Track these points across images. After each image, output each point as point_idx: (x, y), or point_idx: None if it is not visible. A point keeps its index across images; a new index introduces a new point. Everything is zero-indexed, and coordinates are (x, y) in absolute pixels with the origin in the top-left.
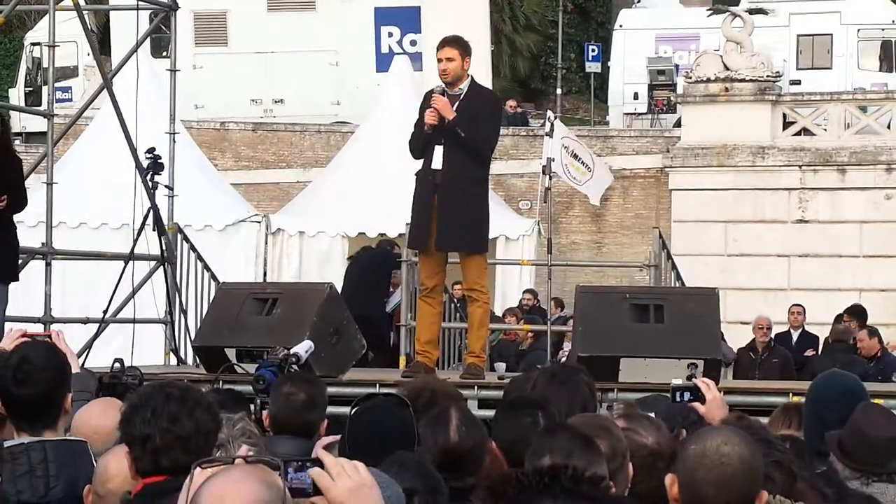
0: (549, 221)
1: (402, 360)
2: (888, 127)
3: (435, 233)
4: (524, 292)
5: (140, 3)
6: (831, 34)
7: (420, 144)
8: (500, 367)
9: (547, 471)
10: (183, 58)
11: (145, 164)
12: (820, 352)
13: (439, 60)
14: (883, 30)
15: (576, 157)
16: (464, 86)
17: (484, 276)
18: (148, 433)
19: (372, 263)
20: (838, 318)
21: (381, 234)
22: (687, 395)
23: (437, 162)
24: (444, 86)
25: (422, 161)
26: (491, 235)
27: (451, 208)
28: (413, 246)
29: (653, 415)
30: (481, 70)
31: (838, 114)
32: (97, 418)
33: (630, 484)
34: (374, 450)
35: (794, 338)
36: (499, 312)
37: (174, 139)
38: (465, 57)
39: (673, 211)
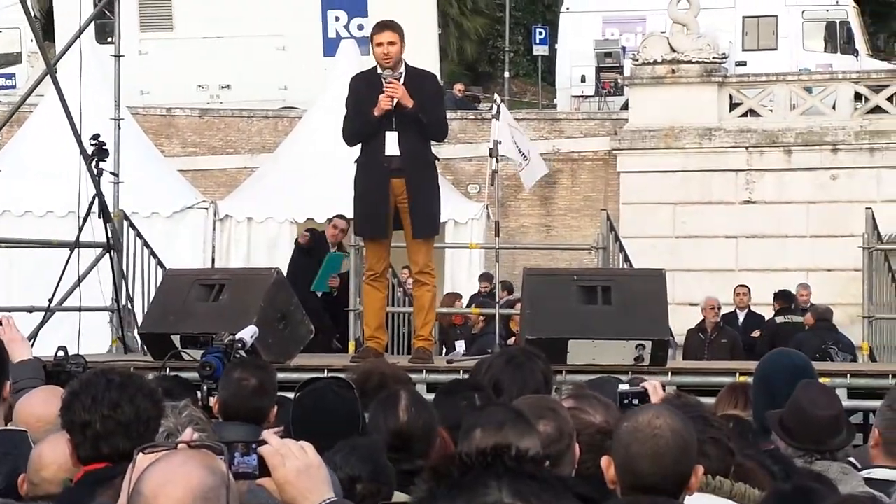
0: (497, 205)
1: (352, 345)
2: (833, 107)
3: (391, 218)
4: (480, 278)
5: None
6: (776, 15)
7: (366, 130)
8: (459, 348)
9: (490, 451)
10: (128, 43)
11: (90, 150)
12: (765, 332)
13: (379, 44)
14: (827, 10)
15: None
16: (402, 69)
17: (432, 259)
18: (88, 419)
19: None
20: (777, 297)
21: (329, 220)
22: (635, 401)
23: (392, 148)
24: (389, 70)
25: (360, 147)
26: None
27: (420, 194)
28: (369, 233)
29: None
30: (429, 54)
31: (784, 95)
32: (39, 406)
33: (578, 464)
34: (318, 433)
35: (741, 318)
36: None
37: (119, 125)
38: (403, 41)
39: (621, 193)
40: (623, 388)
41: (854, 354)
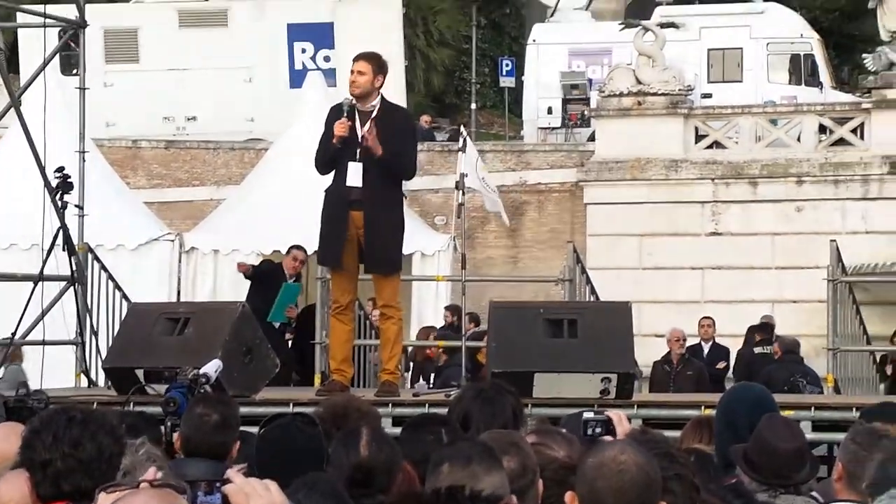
0: (464, 237)
1: (318, 378)
2: (798, 140)
3: (352, 250)
4: (446, 309)
5: (48, 20)
6: (741, 48)
7: (328, 159)
8: (422, 385)
9: (445, 490)
10: (94, 75)
11: (54, 183)
12: (734, 363)
13: (351, 72)
14: (792, 43)
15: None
16: (375, 102)
17: (398, 293)
18: (49, 458)
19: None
20: (752, 330)
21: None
22: (598, 429)
23: (354, 179)
24: (352, 99)
25: (331, 177)
26: (407, 251)
27: (377, 228)
28: (326, 263)
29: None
30: (395, 85)
31: (749, 127)
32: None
33: (542, 500)
34: (282, 469)
35: (706, 350)
36: (414, 329)
37: (84, 158)
38: (377, 74)
39: (588, 225)
40: (587, 415)
41: (821, 387)
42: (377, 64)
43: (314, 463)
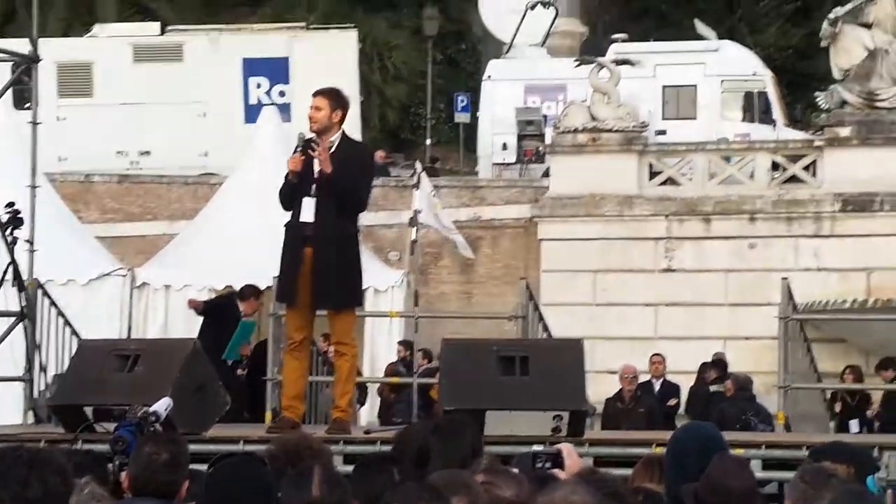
0: (416, 273)
1: (269, 415)
2: (751, 177)
3: (306, 287)
4: (399, 344)
5: (0, 55)
6: (696, 85)
7: (285, 192)
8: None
9: None
10: (47, 109)
11: (4, 218)
12: (687, 401)
13: (310, 108)
14: (746, 81)
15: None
16: (335, 138)
17: (352, 330)
18: None
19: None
20: (704, 367)
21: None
22: (548, 463)
23: (308, 215)
24: (304, 134)
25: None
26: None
27: (328, 264)
28: (282, 299)
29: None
30: (351, 120)
31: (703, 164)
32: None
33: None
34: None
35: (657, 387)
36: (367, 364)
37: (35, 192)
38: (335, 109)
39: (542, 261)
40: (537, 448)
41: (772, 424)
42: (335, 99)
43: (262, 503)
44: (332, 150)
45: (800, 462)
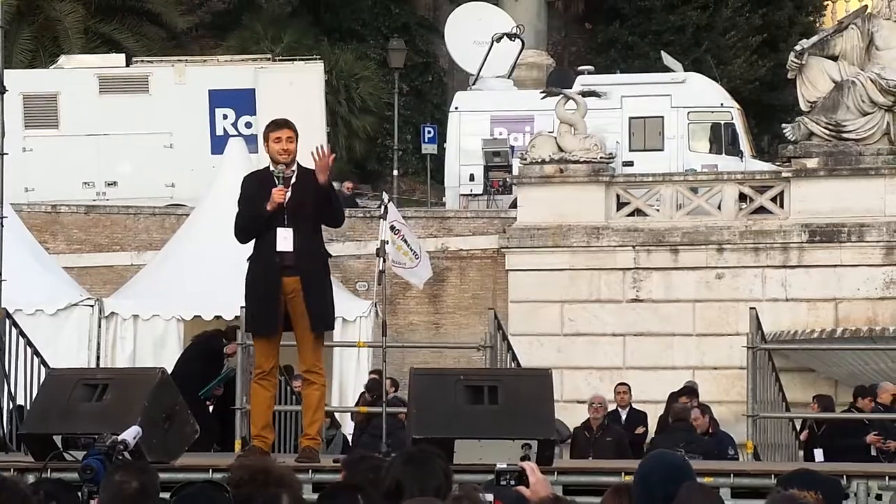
0: (385, 303)
1: (238, 444)
2: (718, 208)
3: (282, 317)
4: (370, 374)
5: None
6: (662, 117)
7: (257, 226)
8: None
9: None
10: (13, 140)
11: None
12: (656, 430)
13: (278, 140)
14: (712, 112)
15: (405, 240)
16: (294, 168)
17: (321, 357)
18: None
19: (185, 353)
20: (673, 397)
21: (217, 317)
22: (512, 480)
23: (285, 244)
24: (283, 166)
25: (252, 245)
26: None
27: (317, 289)
28: (260, 331)
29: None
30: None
31: (670, 195)
32: None
33: None
34: None
35: (623, 416)
36: (336, 395)
37: (2, 223)
38: (297, 140)
39: (509, 291)
40: (500, 466)
41: (724, 455)
42: (297, 131)
43: None
44: (293, 179)
45: (769, 490)
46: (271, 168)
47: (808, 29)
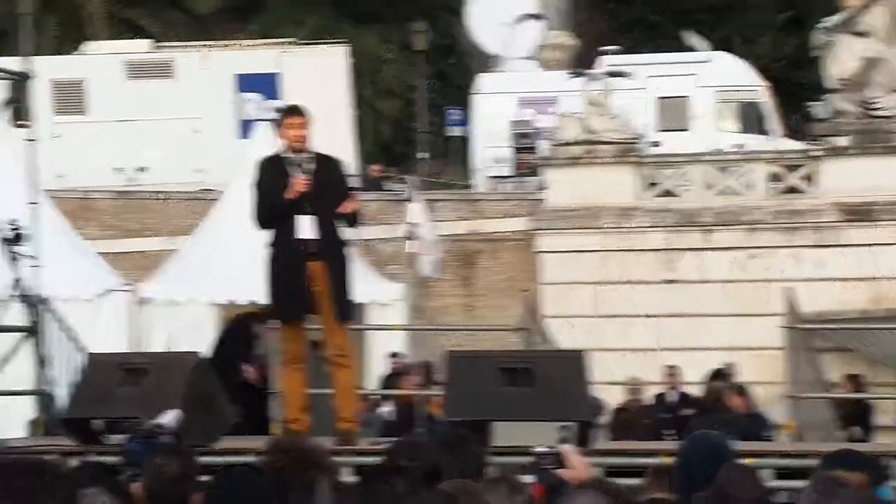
0: (416, 286)
1: (276, 428)
2: (749, 187)
3: (308, 301)
4: (390, 356)
5: None
6: (689, 96)
7: (278, 213)
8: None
9: None
10: (42, 127)
11: (7, 235)
12: (694, 412)
13: (291, 126)
14: (740, 91)
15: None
16: (310, 153)
17: (348, 339)
18: None
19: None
20: (709, 377)
21: (251, 301)
22: (550, 462)
23: (308, 231)
24: (301, 153)
25: (271, 231)
26: (361, 301)
27: (340, 276)
28: (287, 317)
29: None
30: (344, 135)
31: (700, 175)
32: None
33: None
34: None
35: (671, 398)
36: (371, 378)
37: (36, 209)
38: (310, 124)
39: (541, 273)
40: (539, 449)
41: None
42: (310, 116)
43: None
44: (313, 165)
45: (810, 471)
46: (286, 154)
47: (836, 6)
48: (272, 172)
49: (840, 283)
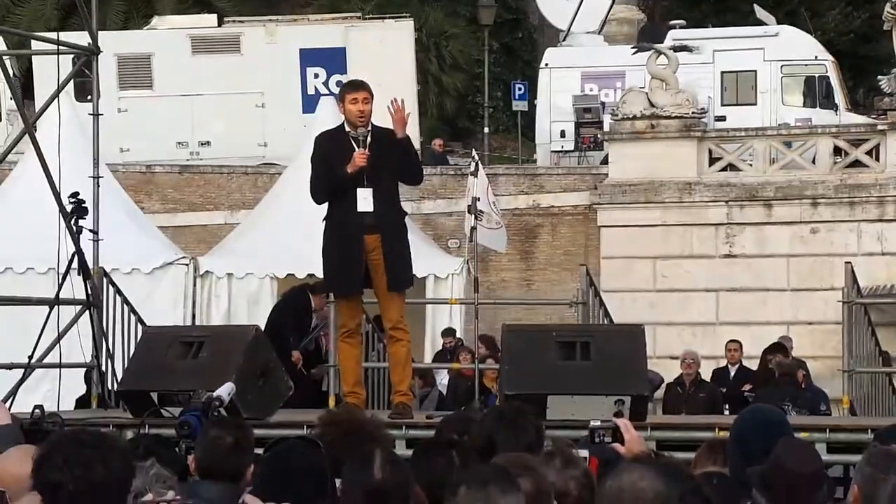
0: (477, 260)
1: (332, 401)
2: (813, 162)
3: (365, 274)
4: (443, 334)
5: (61, 48)
6: (755, 70)
7: (338, 187)
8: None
9: None
10: (107, 101)
11: (69, 208)
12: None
13: (354, 101)
14: (806, 65)
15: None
16: (369, 128)
17: (404, 313)
18: (60, 480)
19: (275, 308)
20: (767, 352)
21: (310, 275)
22: (607, 437)
23: (366, 205)
24: (361, 130)
25: (329, 205)
26: (420, 274)
27: (398, 249)
28: (343, 291)
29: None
30: (409, 109)
31: (763, 149)
32: (14, 466)
33: None
34: (285, 490)
35: (732, 373)
36: (429, 351)
37: (98, 183)
38: (373, 99)
39: (601, 247)
40: (594, 423)
41: (817, 410)
42: (372, 92)
43: (317, 485)
44: (368, 139)
45: (865, 445)
46: (347, 129)
47: None
48: (332, 146)
49: None
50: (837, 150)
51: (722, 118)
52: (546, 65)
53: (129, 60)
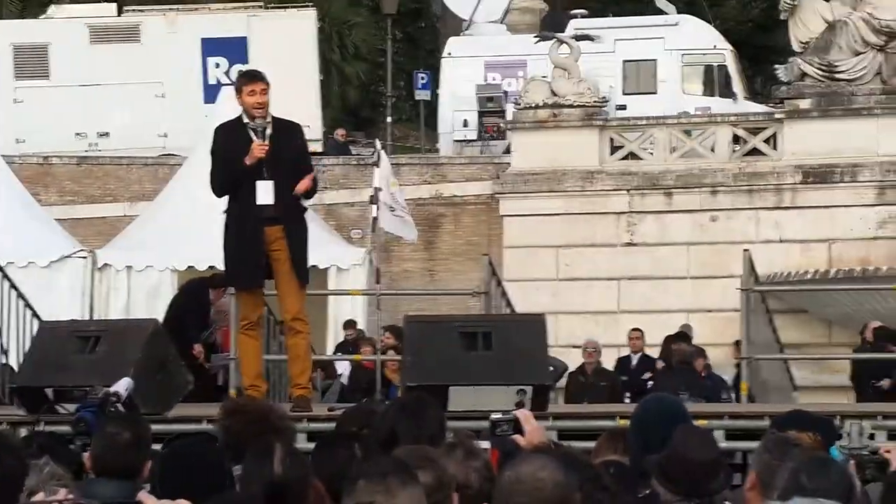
0: (379, 251)
1: (233, 394)
2: (712, 150)
3: (280, 266)
4: (345, 326)
5: None
6: (656, 60)
7: (236, 179)
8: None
9: None
10: (3, 91)
11: None
12: (652, 374)
13: (252, 93)
14: (705, 55)
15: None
16: (269, 119)
17: (304, 306)
18: None
19: (174, 301)
20: (668, 340)
21: (211, 267)
22: (507, 428)
23: (265, 197)
24: (260, 120)
25: (228, 198)
26: (322, 265)
27: (299, 241)
28: (245, 284)
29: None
30: (311, 99)
31: (664, 138)
32: None
33: None
34: (183, 488)
35: (634, 361)
36: (331, 343)
37: None
38: (270, 89)
39: (504, 237)
40: (495, 415)
41: (718, 398)
42: (268, 81)
43: (216, 480)
44: (269, 131)
45: (763, 432)
46: (246, 120)
47: None
48: (231, 138)
49: (799, 245)
50: (736, 139)
51: (623, 107)
52: (449, 54)
53: (26, 50)
